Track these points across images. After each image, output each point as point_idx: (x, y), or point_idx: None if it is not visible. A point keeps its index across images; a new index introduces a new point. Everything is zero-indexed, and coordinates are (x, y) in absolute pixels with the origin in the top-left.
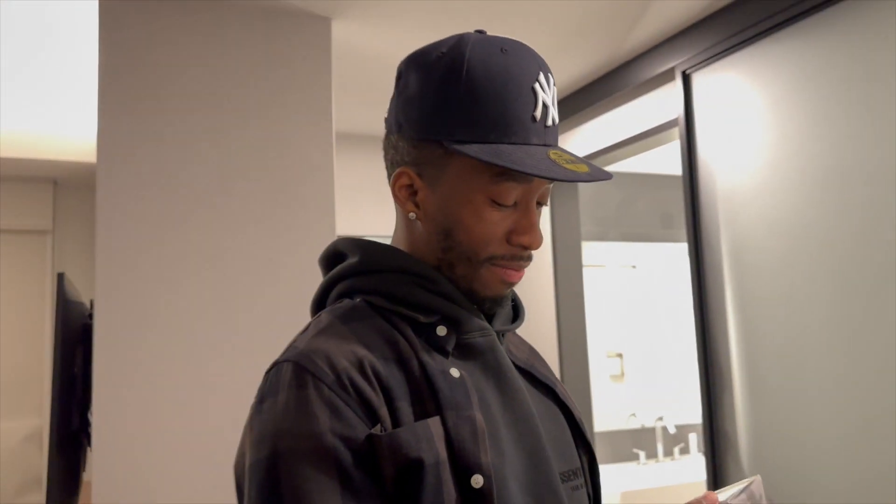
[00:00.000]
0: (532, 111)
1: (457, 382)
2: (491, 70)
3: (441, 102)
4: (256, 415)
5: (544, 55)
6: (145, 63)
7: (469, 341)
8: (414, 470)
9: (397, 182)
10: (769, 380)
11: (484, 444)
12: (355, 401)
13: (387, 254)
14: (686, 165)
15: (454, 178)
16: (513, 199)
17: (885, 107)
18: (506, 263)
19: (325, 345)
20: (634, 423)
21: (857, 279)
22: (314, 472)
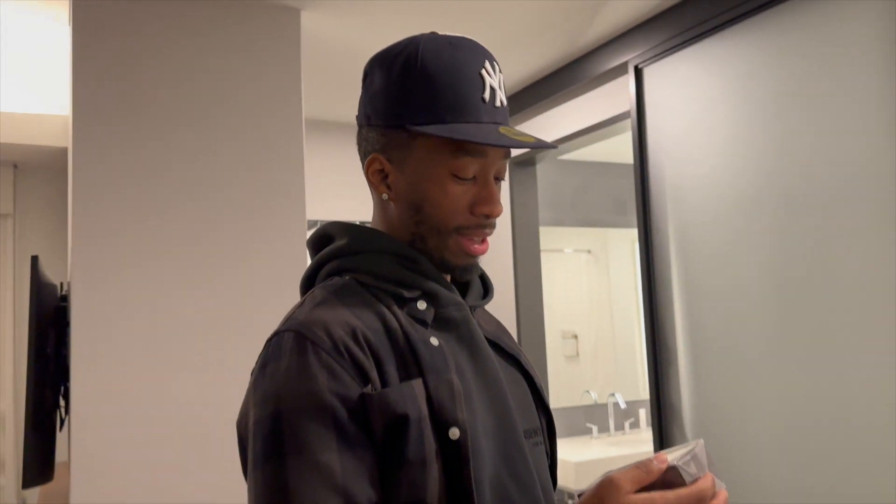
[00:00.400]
0: (481, 94)
1: (436, 350)
2: (442, 61)
3: (402, 93)
4: (260, 378)
5: (504, 49)
6: (117, 50)
7: (446, 314)
8: (400, 424)
9: (370, 168)
10: (711, 356)
11: (460, 403)
12: (349, 364)
13: (372, 236)
14: (637, 155)
15: (419, 159)
16: (471, 172)
17: (825, 102)
18: (471, 233)
19: (322, 316)
20: (588, 399)
21: (792, 263)
22: (314, 425)
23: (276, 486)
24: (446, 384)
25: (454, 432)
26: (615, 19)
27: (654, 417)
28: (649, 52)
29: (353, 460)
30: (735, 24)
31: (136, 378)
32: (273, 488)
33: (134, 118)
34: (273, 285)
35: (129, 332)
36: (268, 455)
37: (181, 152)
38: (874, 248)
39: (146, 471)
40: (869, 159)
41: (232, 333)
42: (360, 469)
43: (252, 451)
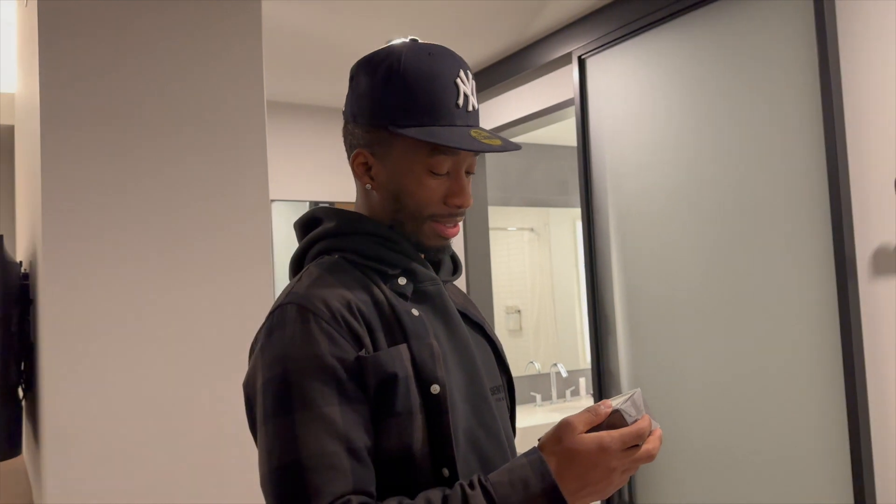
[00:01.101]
0: (455, 100)
1: (417, 319)
2: (421, 69)
3: (384, 96)
4: (267, 344)
5: (455, 38)
6: (81, 33)
7: (423, 289)
8: (390, 381)
9: (355, 161)
10: (646, 325)
11: (440, 363)
12: (346, 332)
13: (358, 220)
14: (580, 139)
15: (399, 155)
16: (445, 168)
17: (752, 94)
18: (443, 220)
19: (320, 291)
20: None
21: (720, 238)
22: (318, 383)
23: (286, 436)
24: (427, 348)
25: (435, 388)
26: (561, 12)
27: (595, 383)
28: (592, 44)
29: (352, 413)
30: (673, 19)
31: (106, 355)
32: (283, 438)
33: (98, 98)
34: (237, 263)
35: (98, 310)
36: (277, 410)
37: (145, 133)
38: (795, 227)
39: (119, 446)
40: (793, 147)
41: (197, 308)
42: (357, 420)
43: (262, 408)
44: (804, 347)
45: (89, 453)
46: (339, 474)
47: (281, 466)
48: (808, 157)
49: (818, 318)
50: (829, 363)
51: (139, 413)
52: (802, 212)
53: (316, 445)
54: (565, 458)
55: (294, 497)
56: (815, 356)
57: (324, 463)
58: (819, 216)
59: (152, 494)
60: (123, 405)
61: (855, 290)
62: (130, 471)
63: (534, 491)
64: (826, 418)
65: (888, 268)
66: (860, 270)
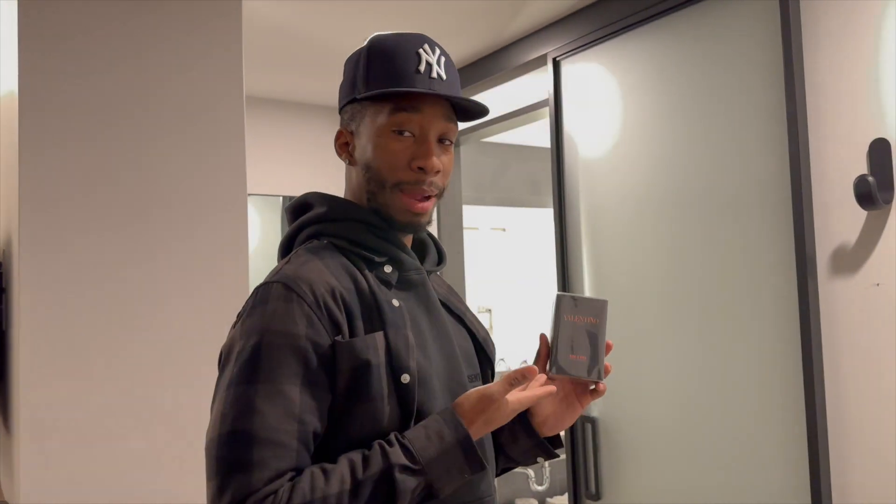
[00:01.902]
0: (416, 66)
1: (397, 309)
2: (384, 44)
3: (354, 75)
4: (248, 316)
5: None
6: (62, 24)
7: (408, 277)
8: (364, 368)
9: (337, 141)
10: (613, 320)
11: (413, 353)
12: (326, 318)
13: (348, 206)
14: (554, 140)
15: (367, 124)
16: (409, 127)
17: (716, 96)
18: (410, 189)
19: (308, 274)
20: (503, 366)
21: (685, 237)
22: (288, 360)
23: (245, 404)
24: (403, 338)
25: (405, 378)
26: (536, 14)
27: None
28: (567, 47)
29: (311, 398)
30: (645, 23)
31: (82, 345)
32: (242, 405)
33: (76, 90)
34: (214, 254)
35: (74, 300)
36: (242, 378)
37: (123, 126)
38: (759, 227)
39: (95, 436)
40: (758, 149)
41: (173, 299)
42: (314, 405)
43: (230, 372)
44: (765, 343)
45: (65, 444)
46: (286, 452)
47: (232, 432)
48: (773, 158)
49: (779, 315)
50: (789, 359)
51: (115, 403)
52: (766, 212)
53: (272, 420)
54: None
55: (237, 464)
56: (775, 352)
57: (275, 438)
58: (782, 216)
59: (129, 486)
60: (99, 395)
61: (815, 289)
62: (106, 461)
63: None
64: (785, 412)
65: (847, 267)
66: (820, 269)
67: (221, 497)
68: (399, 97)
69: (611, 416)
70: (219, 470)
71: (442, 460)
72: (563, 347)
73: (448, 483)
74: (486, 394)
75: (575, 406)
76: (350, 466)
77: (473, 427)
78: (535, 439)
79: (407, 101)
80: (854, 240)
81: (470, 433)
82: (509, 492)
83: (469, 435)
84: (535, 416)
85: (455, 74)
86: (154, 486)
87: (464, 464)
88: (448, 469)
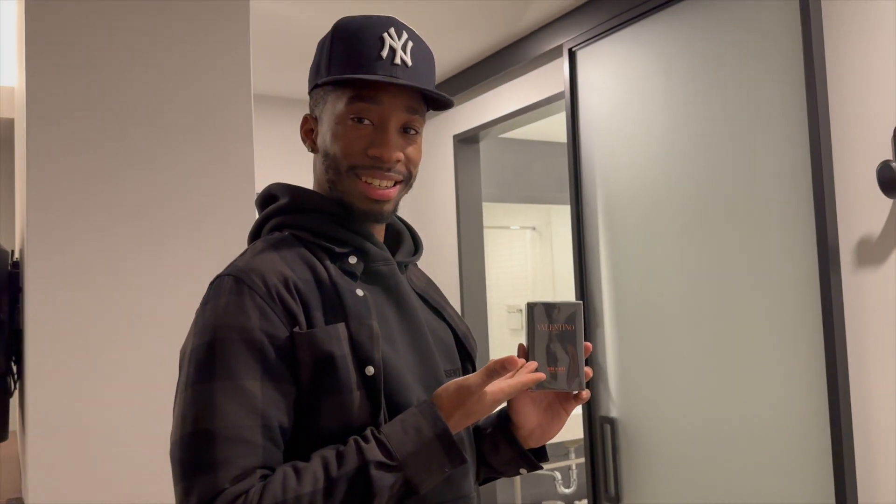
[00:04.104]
0: (378, 51)
1: (360, 299)
2: (348, 28)
3: (319, 59)
4: (201, 313)
5: (445, 33)
6: (69, 23)
7: (375, 269)
8: (328, 360)
9: (302, 128)
10: (633, 317)
11: (377, 344)
12: (280, 309)
13: (310, 196)
14: (570, 134)
15: (328, 110)
16: (367, 116)
17: (735, 84)
18: (365, 174)
19: (260, 265)
20: None
21: (705, 230)
22: (243, 356)
23: (204, 403)
24: (367, 329)
25: (370, 370)
26: (550, 5)
27: None
28: (582, 36)
29: (273, 391)
30: (662, 10)
31: (90, 344)
32: (200, 405)
33: (84, 90)
34: (224, 255)
35: (82, 299)
36: (198, 378)
37: (132, 125)
38: (780, 219)
39: (102, 434)
40: (778, 139)
41: (183, 299)
42: (277, 398)
43: (186, 374)
44: (787, 339)
45: (72, 440)
46: (251, 448)
47: (194, 433)
48: (793, 147)
49: (801, 310)
50: (811, 355)
51: (122, 403)
52: (787, 202)
53: (232, 417)
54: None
55: (201, 465)
56: (797, 348)
57: (237, 435)
58: (803, 207)
59: (135, 482)
60: (107, 392)
61: (838, 282)
62: (113, 459)
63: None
64: (808, 410)
65: (871, 258)
66: (843, 262)
67: (188, 499)
68: (358, 85)
69: (630, 417)
70: (184, 473)
71: (420, 455)
72: (540, 360)
73: (427, 479)
74: (465, 385)
75: (560, 414)
76: (323, 464)
77: (452, 420)
78: (518, 449)
79: (366, 91)
80: (879, 230)
81: (448, 426)
82: (536, 494)
83: (448, 428)
84: (520, 428)
85: (425, 60)
86: (161, 486)
87: (443, 458)
88: (427, 464)
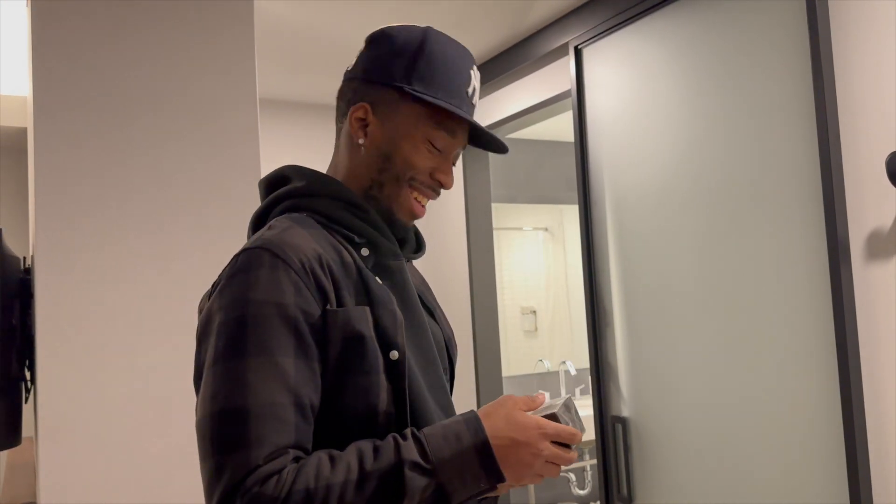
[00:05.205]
0: (467, 87)
1: (382, 287)
2: (447, 51)
3: (410, 63)
4: (227, 286)
5: (450, 31)
6: (76, 31)
7: (384, 262)
8: (357, 340)
9: (354, 114)
10: (643, 315)
11: (401, 330)
12: (314, 285)
13: (327, 182)
14: (577, 132)
15: (403, 119)
16: (441, 144)
17: (742, 78)
18: (421, 188)
19: (292, 240)
20: (541, 367)
21: (713, 225)
22: (278, 331)
23: (235, 380)
24: (391, 314)
25: (394, 354)
26: (555, 2)
27: (593, 375)
28: (588, 34)
29: (305, 368)
30: (667, 4)
31: (99, 347)
32: (232, 381)
33: (93, 97)
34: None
35: (94, 304)
36: (230, 353)
37: (138, 130)
38: (789, 214)
39: (113, 437)
40: (786, 132)
41: (191, 301)
42: (308, 376)
43: (213, 349)
44: (798, 335)
45: (83, 444)
46: (285, 426)
47: (225, 410)
48: (801, 139)
49: (811, 306)
50: (823, 351)
51: (133, 405)
52: (795, 196)
53: (266, 394)
54: (503, 424)
55: (234, 443)
56: (808, 344)
57: (271, 413)
58: (813, 201)
59: (145, 486)
60: (117, 396)
61: (848, 275)
62: (124, 462)
63: (465, 445)
64: (821, 407)
65: (883, 252)
66: (854, 255)
67: (220, 477)
68: (446, 114)
69: (641, 416)
70: (214, 449)
71: (455, 463)
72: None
73: (461, 489)
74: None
75: None
76: (358, 456)
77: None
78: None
79: (450, 122)
80: (889, 221)
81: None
82: (550, 496)
83: (488, 441)
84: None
85: None
86: (171, 487)
87: (479, 471)
88: (461, 474)
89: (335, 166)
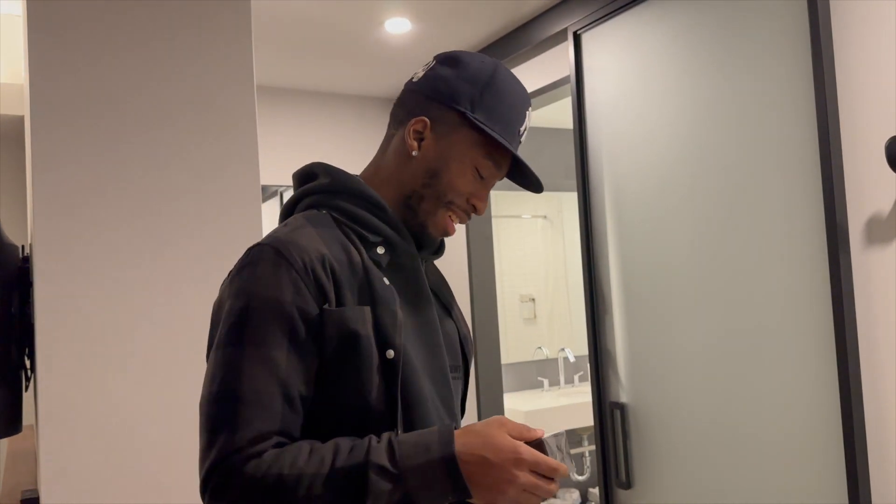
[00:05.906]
0: (520, 126)
1: (387, 287)
2: (514, 89)
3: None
4: (237, 276)
5: (448, 19)
6: (71, 19)
7: (399, 261)
8: (353, 339)
9: (414, 126)
10: (642, 303)
11: (400, 330)
12: (314, 286)
13: (351, 181)
14: (576, 118)
15: (457, 142)
16: (486, 174)
17: (741, 64)
18: (457, 211)
19: (299, 240)
20: (540, 354)
21: (712, 212)
22: (273, 326)
23: (231, 365)
24: (391, 314)
25: (390, 353)
26: None
27: (592, 363)
28: (587, 19)
29: (297, 362)
30: None
31: (98, 336)
32: (228, 366)
33: (89, 86)
34: (229, 247)
35: (93, 291)
36: (230, 340)
37: (135, 119)
38: (788, 200)
39: (112, 426)
40: (785, 118)
41: (189, 290)
42: (300, 368)
43: (219, 333)
44: (797, 322)
45: (83, 432)
46: (270, 414)
47: (220, 391)
48: (800, 124)
49: (810, 292)
50: (821, 338)
51: (133, 392)
52: (795, 183)
53: (256, 382)
54: (479, 442)
55: (224, 423)
56: (807, 331)
57: (258, 400)
58: (812, 187)
59: (146, 472)
60: (117, 384)
61: (847, 262)
62: (124, 449)
63: (433, 456)
64: (819, 395)
65: (882, 237)
66: (853, 240)
67: (209, 451)
68: (497, 148)
69: (639, 402)
70: (208, 426)
71: (421, 472)
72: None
73: (428, 500)
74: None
75: None
76: (334, 451)
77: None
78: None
79: (499, 154)
80: (888, 207)
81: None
82: None
83: (454, 456)
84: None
85: None
86: (171, 473)
87: (446, 484)
88: (428, 485)
89: (376, 166)
